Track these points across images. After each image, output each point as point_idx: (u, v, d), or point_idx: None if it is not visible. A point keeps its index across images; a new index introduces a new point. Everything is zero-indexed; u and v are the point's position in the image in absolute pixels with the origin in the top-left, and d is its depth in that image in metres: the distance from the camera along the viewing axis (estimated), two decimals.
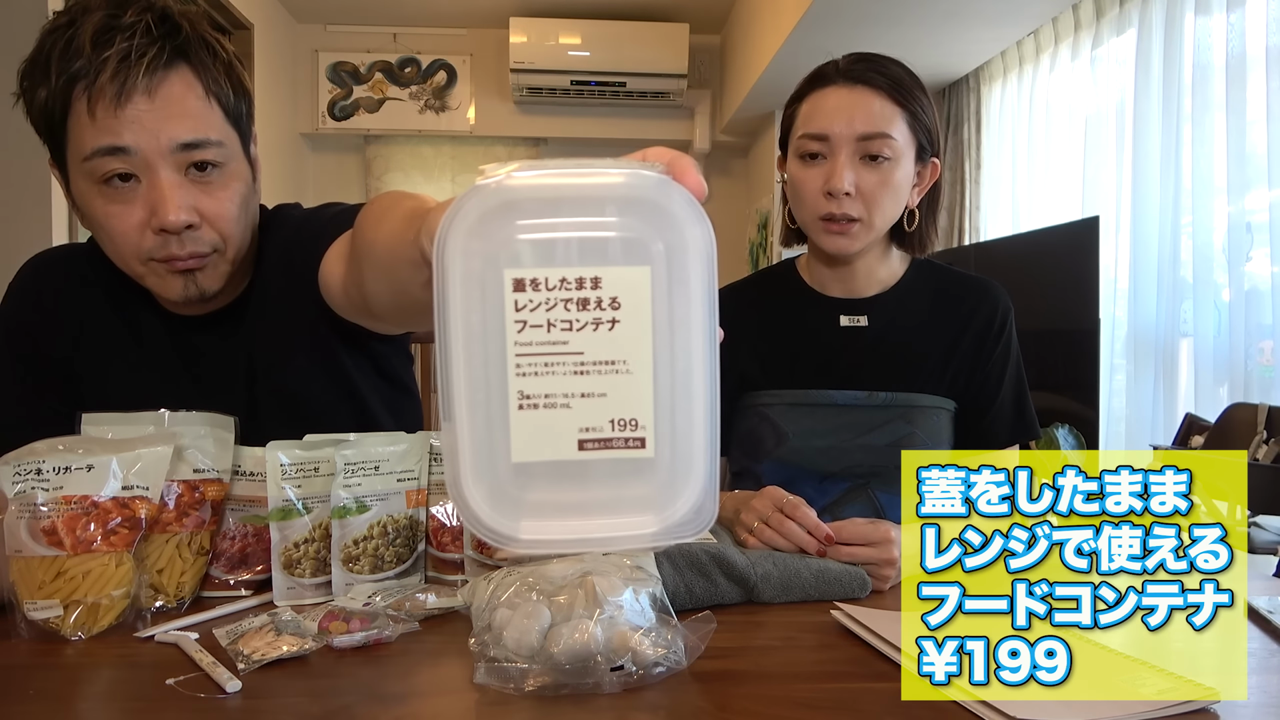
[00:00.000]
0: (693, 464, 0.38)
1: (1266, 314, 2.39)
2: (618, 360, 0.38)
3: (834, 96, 1.16)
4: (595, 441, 0.38)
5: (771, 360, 1.24)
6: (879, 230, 1.17)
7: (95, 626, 0.78)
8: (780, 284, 1.30)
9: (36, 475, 0.77)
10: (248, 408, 1.02)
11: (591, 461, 0.38)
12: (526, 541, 0.40)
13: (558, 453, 0.38)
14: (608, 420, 0.38)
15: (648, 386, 0.38)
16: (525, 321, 0.38)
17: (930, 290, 1.25)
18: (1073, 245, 2.67)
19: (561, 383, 0.38)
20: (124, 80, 0.82)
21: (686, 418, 0.38)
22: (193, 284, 0.92)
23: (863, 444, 1.18)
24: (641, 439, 0.38)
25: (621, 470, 0.38)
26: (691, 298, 0.38)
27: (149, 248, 0.88)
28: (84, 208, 0.89)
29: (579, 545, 0.40)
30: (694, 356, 0.38)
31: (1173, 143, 2.72)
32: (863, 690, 0.68)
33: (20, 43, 0.91)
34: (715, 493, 0.39)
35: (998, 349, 1.22)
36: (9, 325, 1.06)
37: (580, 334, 0.38)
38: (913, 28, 3.38)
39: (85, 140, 0.84)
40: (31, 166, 2.82)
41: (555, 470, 0.39)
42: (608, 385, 0.38)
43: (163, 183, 0.85)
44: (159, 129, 0.85)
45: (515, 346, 0.38)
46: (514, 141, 5.17)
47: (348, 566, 0.88)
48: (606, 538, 0.39)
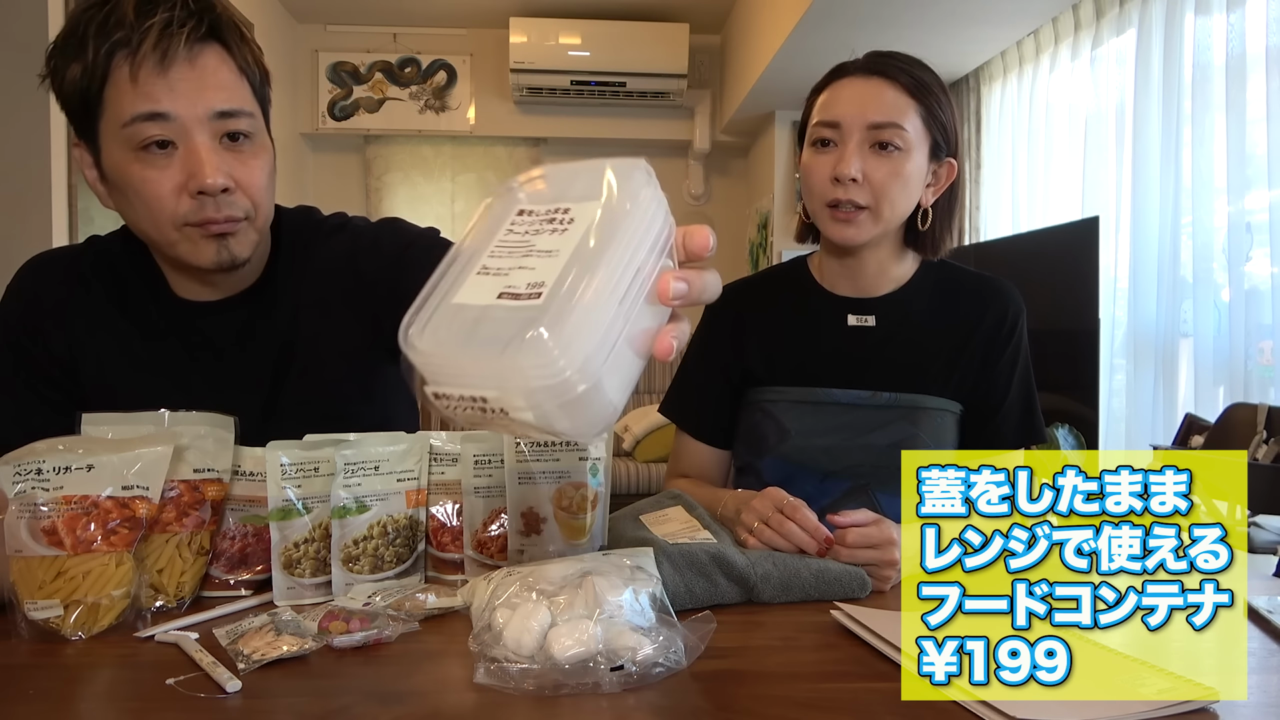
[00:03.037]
0: (580, 328, 0.46)
1: (1266, 314, 2.39)
2: (552, 250, 0.50)
3: (849, 87, 1.17)
4: (509, 294, 0.49)
5: (777, 357, 1.24)
6: (887, 222, 1.16)
7: (95, 626, 0.78)
8: (790, 281, 1.30)
9: (37, 475, 0.77)
10: (267, 403, 1.04)
11: (496, 306, 0.49)
12: (421, 348, 0.49)
13: (480, 299, 0.50)
14: (525, 283, 0.49)
15: (559, 266, 0.49)
16: (513, 229, 0.53)
17: (940, 290, 1.24)
18: (1073, 245, 2.68)
19: (511, 262, 0.51)
20: (166, 48, 0.86)
21: (583, 291, 0.47)
22: (225, 249, 0.94)
23: (864, 444, 1.18)
24: (539, 294, 0.48)
25: (518, 315, 0.47)
26: (620, 225, 0.50)
27: (185, 212, 0.91)
28: (118, 177, 0.91)
29: (469, 355, 0.48)
30: (603, 258, 0.49)
31: (1173, 143, 2.72)
32: (863, 690, 0.68)
33: (20, 43, 0.92)
34: (595, 361, 0.47)
35: (1007, 351, 1.21)
36: (9, 327, 1.06)
37: (539, 236, 0.52)
38: (912, 28, 3.38)
39: (125, 106, 0.87)
40: (32, 167, 2.83)
41: (478, 314, 0.50)
42: (538, 264, 0.50)
43: (200, 147, 0.89)
44: (197, 97, 0.89)
45: (496, 242, 0.53)
46: (514, 141, 5.17)
47: (348, 566, 0.89)
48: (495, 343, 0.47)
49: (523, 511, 0.89)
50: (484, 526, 0.93)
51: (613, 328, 0.48)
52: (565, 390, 0.46)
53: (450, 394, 0.49)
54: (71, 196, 2.93)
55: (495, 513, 0.92)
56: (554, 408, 0.47)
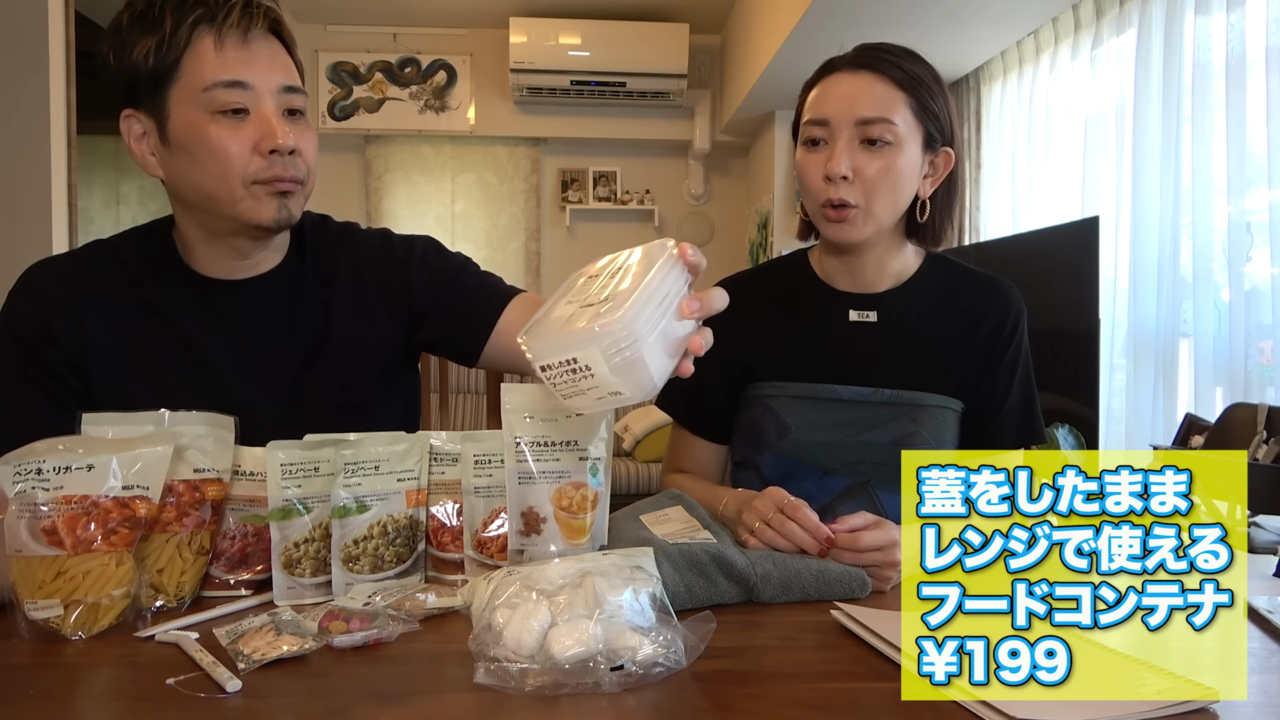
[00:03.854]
0: (628, 314, 0.66)
1: (1266, 314, 2.39)
2: (610, 284, 0.72)
3: (837, 83, 1.16)
4: (584, 305, 0.71)
5: (778, 352, 1.23)
6: (881, 218, 1.15)
7: (95, 626, 0.78)
8: (791, 275, 1.29)
9: (37, 475, 0.77)
10: (294, 384, 1.11)
11: (578, 313, 0.70)
12: (533, 339, 0.71)
13: (567, 312, 0.71)
14: (596, 299, 0.70)
15: (615, 289, 0.70)
16: (582, 279, 0.77)
17: (942, 288, 1.24)
18: (1073, 245, 2.68)
19: (585, 294, 0.73)
20: (248, 26, 1.00)
21: (630, 295, 0.68)
22: (284, 208, 1.04)
23: (865, 441, 1.18)
24: (604, 300, 0.69)
25: (591, 310, 0.69)
26: (652, 265, 0.72)
27: (255, 169, 1.01)
28: (190, 135, 1.00)
29: (564, 335, 0.68)
30: (642, 282, 0.70)
31: (1173, 143, 2.72)
32: (863, 690, 0.68)
33: (21, 43, 0.93)
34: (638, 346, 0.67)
35: (1009, 351, 1.21)
36: (19, 327, 1.07)
37: (600, 280, 0.74)
38: (912, 28, 3.38)
39: (207, 73, 0.98)
40: (32, 169, 2.83)
41: (567, 316, 0.71)
42: (602, 290, 0.72)
43: (271, 114, 1.01)
44: (271, 71, 1.02)
45: (576, 288, 0.75)
46: (514, 141, 5.18)
47: (348, 566, 0.89)
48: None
49: (523, 511, 0.89)
50: (484, 526, 0.93)
51: (651, 320, 0.68)
52: (620, 350, 0.66)
53: (552, 362, 0.69)
54: (71, 197, 2.92)
55: (495, 513, 0.92)
56: (615, 364, 0.67)
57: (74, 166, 2.91)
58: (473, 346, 1.18)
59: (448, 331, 1.19)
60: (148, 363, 1.08)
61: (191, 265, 1.11)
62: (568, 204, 5.25)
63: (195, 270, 1.11)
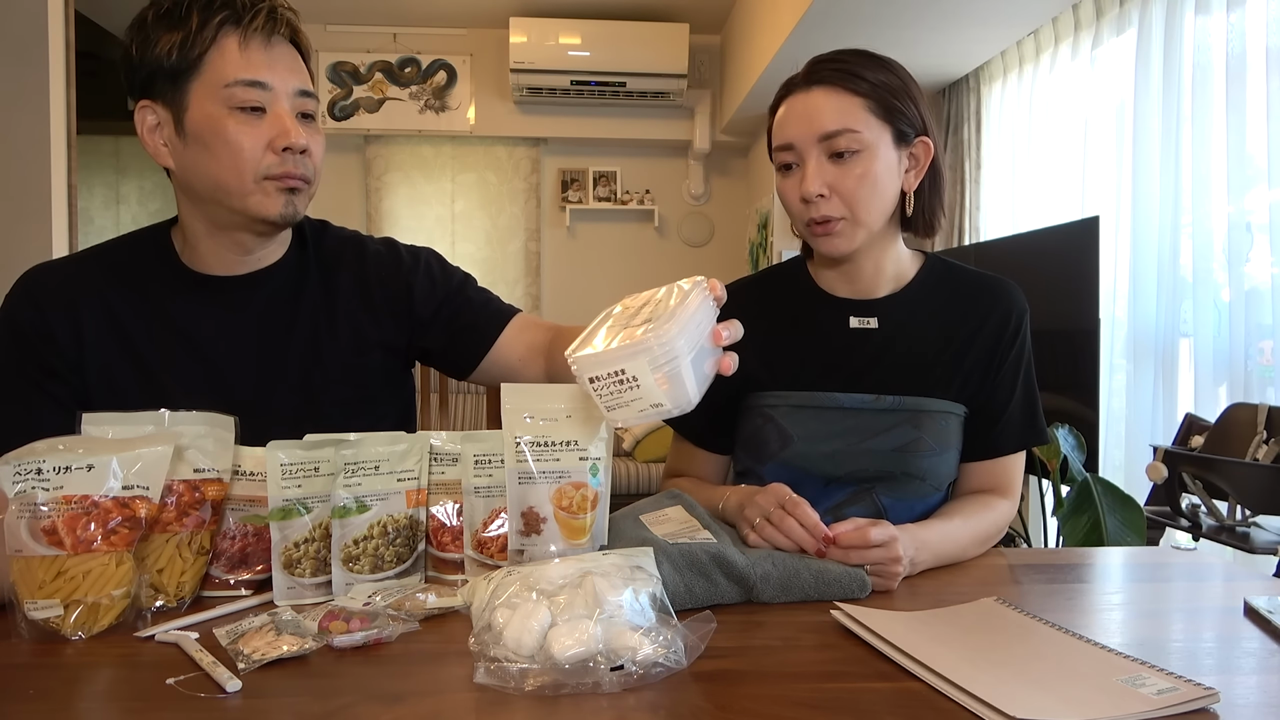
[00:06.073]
0: (669, 332, 0.72)
1: (1266, 314, 2.39)
2: (650, 310, 0.77)
3: (795, 104, 1.15)
4: (627, 326, 0.75)
5: (778, 361, 1.22)
6: (869, 225, 1.14)
7: (95, 626, 0.78)
8: (789, 283, 1.28)
9: (37, 475, 0.77)
10: (299, 373, 1.14)
11: (623, 333, 0.75)
12: (581, 356, 0.74)
13: (613, 334, 0.75)
14: (638, 321, 0.75)
15: (655, 312, 0.76)
16: (622, 306, 0.82)
17: (943, 290, 1.23)
18: (1073, 245, 2.67)
19: (626, 318, 0.78)
20: (271, 30, 1.05)
21: (670, 318, 0.74)
22: (291, 204, 1.07)
23: (868, 448, 1.17)
24: (649, 320, 0.74)
25: (636, 328, 0.75)
26: (685, 296, 0.78)
27: (267, 165, 1.04)
28: (207, 128, 1.03)
29: (612, 351, 0.73)
30: (680, 307, 0.76)
31: (1173, 143, 2.72)
32: (863, 690, 0.68)
33: (21, 44, 0.93)
34: (677, 355, 0.73)
35: (1012, 352, 1.20)
36: (19, 327, 1.07)
37: (638, 307, 0.80)
38: (913, 28, 3.38)
39: (230, 70, 1.02)
40: (32, 169, 2.83)
41: (612, 335, 0.75)
42: (642, 314, 0.77)
43: (286, 114, 1.05)
44: (289, 75, 1.06)
45: (614, 316, 0.80)
46: (514, 141, 5.18)
47: (348, 566, 0.89)
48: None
49: (523, 511, 0.89)
50: (484, 526, 0.93)
51: (690, 340, 0.74)
52: (665, 362, 0.72)
53: (601, 374, 0.73)
54: (71, 197, 2.92)
55: (495, 513, 0.93)
56: (659, 376, 0.72)
57: (74, 167, 2.91)
58: (470, 360, 1.22)
59: (447, 343, 1.23)
60: (147, 362, 1.09)
61: (191, 264, 1.13)
62: (568, 204, 5.25)
63: (194, 269, 1.12)
